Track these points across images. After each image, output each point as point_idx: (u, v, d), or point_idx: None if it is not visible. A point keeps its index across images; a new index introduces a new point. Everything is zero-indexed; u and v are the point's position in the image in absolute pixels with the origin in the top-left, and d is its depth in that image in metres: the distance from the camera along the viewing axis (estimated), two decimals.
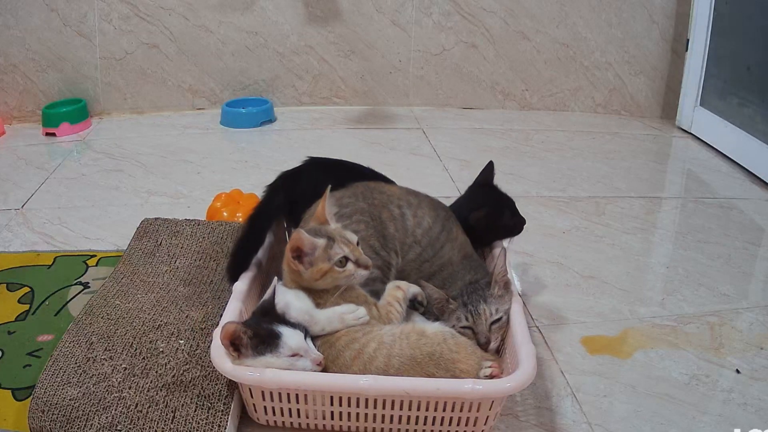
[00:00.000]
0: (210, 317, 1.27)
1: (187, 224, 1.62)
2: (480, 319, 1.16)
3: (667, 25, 2.68)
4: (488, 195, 1.43)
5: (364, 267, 1.12)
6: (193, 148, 2.37)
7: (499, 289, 1.19)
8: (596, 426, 1.13)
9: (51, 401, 1.05)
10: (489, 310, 1.16)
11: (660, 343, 1.35)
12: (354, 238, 1.15)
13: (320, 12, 2.67)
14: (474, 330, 1.16)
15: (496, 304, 1.17)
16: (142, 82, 2.66)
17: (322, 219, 1.18)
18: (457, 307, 1.18)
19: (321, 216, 1.18)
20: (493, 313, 1.16)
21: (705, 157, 2.40)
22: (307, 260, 1.10)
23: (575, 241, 1.76)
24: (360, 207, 1.27)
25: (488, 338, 1.15)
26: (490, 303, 1.17)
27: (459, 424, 1.04)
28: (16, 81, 2.55)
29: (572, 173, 2.21)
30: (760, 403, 1.18)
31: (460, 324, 1.17)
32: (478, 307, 1.17)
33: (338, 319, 1.09)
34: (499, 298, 1.18)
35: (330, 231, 1.15)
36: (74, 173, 2.14)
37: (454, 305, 1.19)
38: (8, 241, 1.70)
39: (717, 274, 1.61)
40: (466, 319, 1.17)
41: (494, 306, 1.17)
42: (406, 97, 2.82)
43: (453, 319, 1.18)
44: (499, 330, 1.17)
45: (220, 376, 1.10)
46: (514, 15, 2.71)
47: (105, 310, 1.27)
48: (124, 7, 2.54)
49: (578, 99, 2.84)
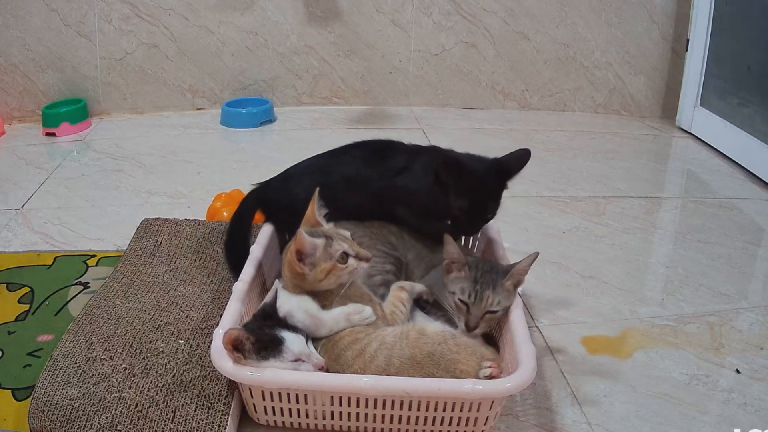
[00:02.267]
0: (210, 317, 1.27)
1: (187, 224, 1.62)
2: (480, 303, 1.16)
3: (667, 25, 2.68)
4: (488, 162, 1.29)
5: (365, 260, 1.13)
6: (193, 148, 2.37)
7: (512, 284, 1.18)
8: (596, 426, 1.13)
9: (51, 401, 1.05)
10: (492, 299, 1.16)
11: (660, 343, 1.35)
12: (348, 234, 1.16)
13: (320, 12, 2.67)
14: (468, 309, 1.16)
15: (500, 296, 1.16)
16: (142, 82, 2.66)
17: (314, 221, 1.18)
18: (466, 278, 1.17)
19: (312, 218, 1.19)
20: (494, 304, 1.16)
21: (705, 157, 2.40)
22: (309, 261, 1.10)
23: (575, 241, 1.76)
24: (359, 232, 1.31)
25: (477, 324, 1.16)
26: (497, 292, 1.16)
27: (459, 424, 1.04)
28: (16, 81, 2.55)
29: (572, 173, 2.21)
30: (760, 403, 1.18)
31: (459, 295, 1.16)
32: (484, 291, 1.15)
33: (345, 319, 1.10)
34: (506, 292, 1.17)
35: (325, 230, 1.16)
36: (74, 173, 2.14)
37: (465, 274, 1.18)
38: (8, 241, 1.70)
39: (717, 274, 1.61)
40: (468, 296, 1.16)
41: (498, 297, 1.16)
42: (406, 97, 2.82)
43: (456, 287, 1.17)
44: (490, 321, 1.17)
45: (220, 376, 1.10)
46: (514, 15, 2.71)
47: (105, 310, 1.27)
48: (124, 7, 2.54)
49: (578, 99, 2.84)
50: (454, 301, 1.18)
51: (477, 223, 1.31)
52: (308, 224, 1.17)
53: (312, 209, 1.19)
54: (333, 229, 1.17)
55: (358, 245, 1.16)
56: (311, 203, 1.19)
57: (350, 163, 1.39)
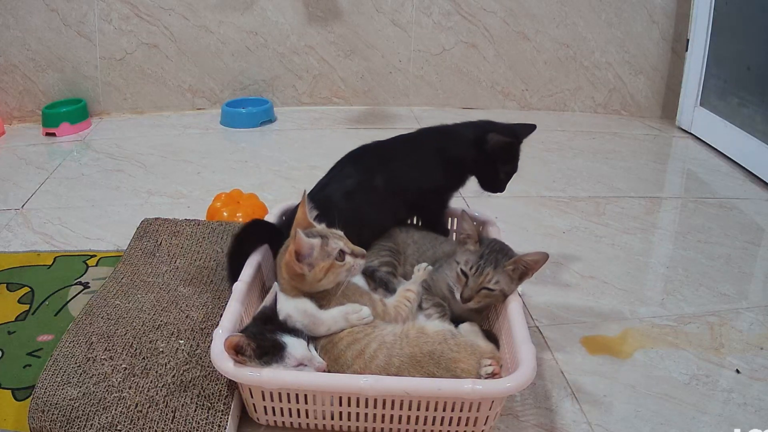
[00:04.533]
0: (210, 317, 1.27)
1: (187, 224, 1.62)
2: (478, 278, 1.19)
3: (667, 25, 2.68)
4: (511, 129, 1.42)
5: (360, 256, 1.16)
6: (193, 148, 2.37)
7: (514, 271, 1.20)
8: (596, 426, 1.13)
9: (51, 401, 1.05)
10: (491, 277, 1.18)
11: (660, 343, 1.35)
12: (341, 233, 1.18)
13: (320, 12, 2.67)
14: (467, 281, 1.19)
15: (500, 277, 1.19)
16: (142, 82, 2.66)
17: (306, 223, 1.19)
18: (474, 252, 1.21)
19: (304, 221, 1.19)
20: (491, 282, 1.18)
21: (705, 157, 2.40)
22: (307, 262, 1.11)
23: (575, 241, 1.76)
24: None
25: (471, 296, 1.19)
26: (497, 272, 1.19)
27: (459, 424, 1.04)
28: (16, 81, 2.55)
29: (572, 173, 2.21)
30: (760, 403, 1.18)
31: (462, 266, 1.21)
32: (486, 267, 1.19)
33: (343, 319, 1.10)
34: (507, 276, 1.19)
35: (319, 230, 1.17)
36: (74, 173, 2.14)
37: (473, 248, 1.22)
38: (8, 241, 1.70)
39: (717, 274, 1.61)
40: (470, 268, 1.19)
41: (498, 277, 1.18)
42: (406, 97, 2.82)
43: (462, 258, 1.22)
44: (485, 298, 1.20)
45: (220, 376, 1.10)
46: (514, 15, 2.71)
47: (105, 310, 1.27)
48: (124, 7, 2.54)
49: (578, 99, 2.84)
50: (456, 271, 1.21)
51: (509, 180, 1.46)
52: (301, 227, 1.17)
53: (303, 211, 1.19)
54: (327, 229, 1.18)
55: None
56: (301, 206, 1.20)
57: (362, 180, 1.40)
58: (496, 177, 1.42)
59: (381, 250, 1.36)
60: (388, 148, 1.44)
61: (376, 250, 1.36)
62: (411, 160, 1.41)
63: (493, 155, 1.38)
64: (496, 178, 1.42)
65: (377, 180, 1.37)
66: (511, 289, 1.20)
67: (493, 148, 1.37)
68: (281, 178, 2.11)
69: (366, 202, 1.35)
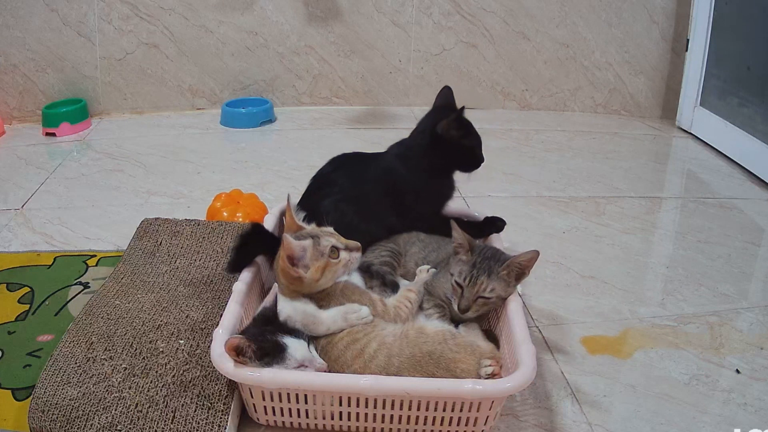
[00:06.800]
0: (210, 317, 1.27)
1: (187, 224, 1.62)
2: (473, 288, 1.18)
3: (667, 25, 2.68)
4: (455, 111, 1.43)
5: (355, 250, 1.16)
6: (193, 148, 2.37)
7: (509, 275, 1.19)
8: (596, 426, 1.13)
9: (51, 401, 1.05)
10: (485, 285, 1.18)
11: (660, 343, 1.35)
12: (332, 229, 1.18)
13: (320, 12, 2.67)
14: (462, 292, 1.19)
15: (494, 284, 1.18)
16: (142, 82, 2.66)
17: (295, 227, 1.19)
18: (466, 263, 1.21)
19: (293, 225, 1.19)
20: (486, 290, 1.18)
21: (705, 157, 2.40)
22: (302, 264, 1.11)
23: (575, 241, 1.76)
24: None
25: (468, 307, 1.18)
26: (491, 279, 1.18)
27: (459, 424, 1.04)
28: (16, 81, 2.55)
29: (572, 173, 2.21)
30: (760, 403, 1.18)
31: (456, 277, 1.20)
32: (479, 277, 1.18)
33: (342, 318, 1.10)
34: (502, 281, 1.19)
35: (309, 231, 1.17)
36: (74, 173, 2.14)
37: (466, 258, 1.21)
38: (8, 241, 1.70)
39: (717, 274, 1.61)
40: (463, 279, 1.19)
41: (492, 284, 1.18)
42: (406, 97, 2.82)
43: (456, 269, 1.21)
44: (482, 306, 1.19)
45: (220, 376, 1.10)
46: (514, 15, 2.71)
47: (105, 310, 1.27)
48: (124, 7, 2.54)
49: (578, 99, 2.84)
50: (452, 283, 1.21)
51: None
52: (291, 231, 1.17)
53: (290, 216, 1.19)
54: (317, 229, 1.18)
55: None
56: (287, 211, 1.20)
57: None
58: (471, 152, 1.42)
59: (381, 251, 1.36)
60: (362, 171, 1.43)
61: (376, 250, 1.36)
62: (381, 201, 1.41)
63: (454, 137, 1.39)
64: (471, 153, 1.43)
65: (365, 188, 1.38)
66: (508, 292, 1.20)
67: (448, 131, 1.39)
68: (281, 178, 2.11)
69: (354, 211, 1.35)
